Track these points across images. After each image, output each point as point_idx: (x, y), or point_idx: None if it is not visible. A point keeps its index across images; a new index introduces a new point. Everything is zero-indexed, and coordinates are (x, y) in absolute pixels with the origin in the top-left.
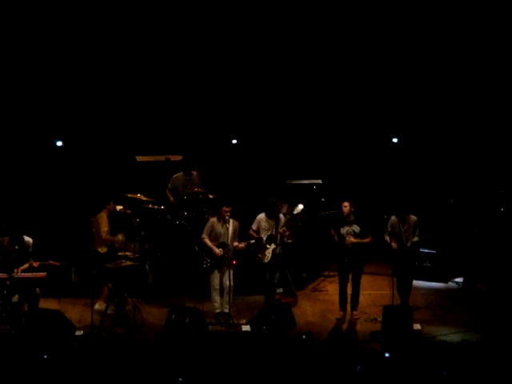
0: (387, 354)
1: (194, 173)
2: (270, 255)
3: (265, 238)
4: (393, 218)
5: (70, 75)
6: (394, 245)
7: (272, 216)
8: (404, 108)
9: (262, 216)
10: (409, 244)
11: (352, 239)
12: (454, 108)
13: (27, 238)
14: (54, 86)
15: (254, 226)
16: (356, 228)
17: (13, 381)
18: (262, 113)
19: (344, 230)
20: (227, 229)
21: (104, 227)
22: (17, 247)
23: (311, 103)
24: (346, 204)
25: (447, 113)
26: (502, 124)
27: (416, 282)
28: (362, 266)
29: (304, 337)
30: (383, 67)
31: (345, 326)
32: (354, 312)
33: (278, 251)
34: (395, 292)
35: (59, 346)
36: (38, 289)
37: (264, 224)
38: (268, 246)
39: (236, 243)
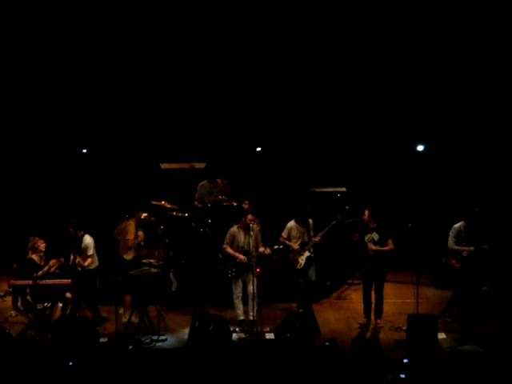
0: (406, 360)
1: (219, 180)
2: (303, 262)
3: (299, 244)
4: (459, 225)
5: (96, 84)
6: (467, 251)
7: (302, 222)
8: (429, 116)
9: (292, 224)
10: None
11: (372, 246)
12: (478, 115)
13: (86, 236)
14: (80, 94)
15: (285, 234)
16: (375, 236)
17: None
18: (286, 120)
19: (366, 238)
20: (250, 237)
21: (130, 235)
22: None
23: (336, 111)
24: (366, 212)
25: (472, 120)
26: None
27: (440, 291)
28: (383, 273)
29: (327, 344)
30: (409, 74)
31: (369, 334)
32: (378, 320)
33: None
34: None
35: (84, 353)
36: (69, 293)
37: (295, 232)
38: (303, 253)
39: (262, 249)
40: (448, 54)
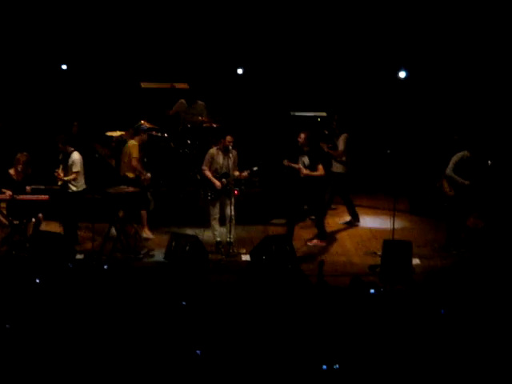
0: (372, 291)
1: (199, 101)
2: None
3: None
4: (462, 153)
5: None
6: (466, 182)
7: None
8: (411, 42)
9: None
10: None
11: (304, 170)
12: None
13: (75, 153)
14: (59, 9)
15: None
16: (306, 159)
17: (11, 302)
18: (268, 43)
19: (299, 160)
20: (229, 159)
21: (135, 154)
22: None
23: (318, 34)
24: (302, 135)
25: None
26: None
27: (416, 218)
28: (316, 196)
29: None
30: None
31: (343, 258)
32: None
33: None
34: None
35: (59, 269)
36: (41, 214)
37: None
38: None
39: (237, 173)
40: None
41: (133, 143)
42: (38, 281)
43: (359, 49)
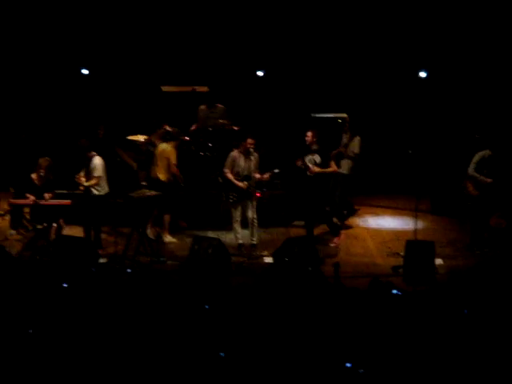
0: (395, 291)
1: (219, 105)
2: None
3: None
4: (483, 152)
5: (96, 3)
6: (489, 180)
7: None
8: (431, 42)
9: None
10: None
11: (315, 168)
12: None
13: (96, 158)
14: (81, 14)
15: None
16: (317, 158)
17: (35, 306)
18: (288, 45)
19: (307, 159)
20: (250, 161)
21: (174, 160)
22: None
23: (339, 35)
24: (309, 134)
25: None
26: None
27: (438, 218)
28: (327, 195)
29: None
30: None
31: (366, 259)
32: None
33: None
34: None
35: (82, 273)
36: (62, 219)
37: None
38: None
39: (258, 175)
40: None
41: (170, 149)
42: (65, 285)
43: (380, 49)
